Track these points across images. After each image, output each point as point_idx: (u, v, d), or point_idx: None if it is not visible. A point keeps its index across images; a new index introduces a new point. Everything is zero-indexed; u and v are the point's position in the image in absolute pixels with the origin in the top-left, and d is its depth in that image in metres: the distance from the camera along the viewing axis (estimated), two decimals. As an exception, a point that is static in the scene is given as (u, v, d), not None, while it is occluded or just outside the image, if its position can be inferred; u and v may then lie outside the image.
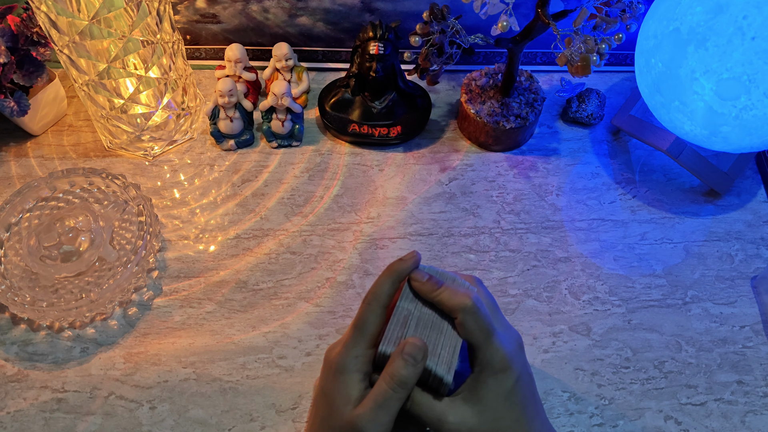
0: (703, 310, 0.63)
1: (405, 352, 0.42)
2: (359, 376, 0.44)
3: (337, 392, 0.43)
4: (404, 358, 0.42)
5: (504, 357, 0.43)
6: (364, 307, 0.45)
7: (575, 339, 0.61)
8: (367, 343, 0.44)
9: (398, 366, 0.42)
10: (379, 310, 0.45)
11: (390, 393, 0.42)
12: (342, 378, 0.44)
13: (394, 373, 0.42)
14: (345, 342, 0.45)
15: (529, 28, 0.63)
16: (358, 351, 0.44)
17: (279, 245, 0.66)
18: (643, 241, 0.68)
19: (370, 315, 0.45)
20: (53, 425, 0.54)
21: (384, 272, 0.46)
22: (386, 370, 0.42)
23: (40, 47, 0.67)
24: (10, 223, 0.63)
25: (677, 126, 0.63)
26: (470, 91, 0.74)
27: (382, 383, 0.42)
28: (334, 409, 0.43)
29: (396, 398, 0.42)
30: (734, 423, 0.57)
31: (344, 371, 0.44)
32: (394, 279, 0.45)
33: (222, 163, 0.72)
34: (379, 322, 0.45)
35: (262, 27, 0.78)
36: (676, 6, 0.59)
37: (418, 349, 0.42)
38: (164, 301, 0.62)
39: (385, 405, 0.42)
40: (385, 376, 0.42)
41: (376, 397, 0.42)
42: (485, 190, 0.71)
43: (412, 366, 0.42)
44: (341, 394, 0.43)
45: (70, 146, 0.73)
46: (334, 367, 0.44)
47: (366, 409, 0.42)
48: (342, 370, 0.44)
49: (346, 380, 0.43)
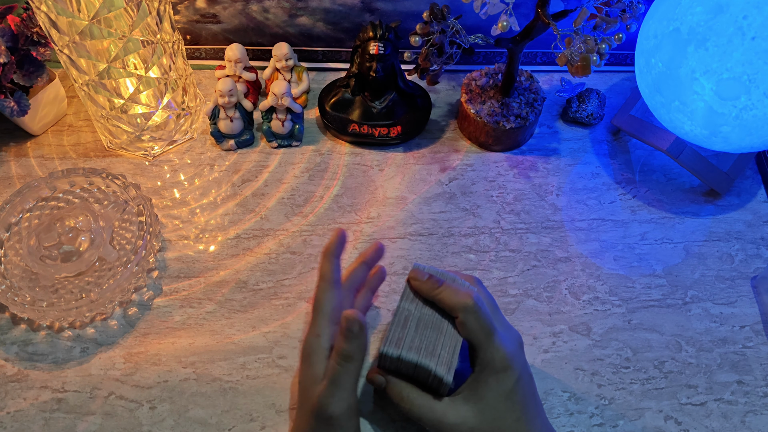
0: (703, 310, 0.63)
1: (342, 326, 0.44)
2: (324, 354, 0.45)
3: (308, 376, 0.45)
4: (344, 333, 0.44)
5: (505, 356, 0.43)
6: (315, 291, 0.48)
7: (575, 339, 0.61)
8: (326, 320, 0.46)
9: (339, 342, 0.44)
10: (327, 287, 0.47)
11: (338, 369, 0.43)
12: (309, 360, 0.45)
13: (338, 349, 0.44)
14: (308, 328, 0.47)
15: (529, 28, 0.63)
16: (319, 330, 0.46)
17: (279, 245, 0.66)
18: (643, 241, 0.68)
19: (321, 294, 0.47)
20: (53, 425, 0.54)
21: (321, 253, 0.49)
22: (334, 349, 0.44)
23: (40, 47, 0.67)
24: (10, 223, 0.63)
25: (677, 126, 0.63)
26: (470, 91, 0.74)
27: (331, 361, 0.44)
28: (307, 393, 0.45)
29: (346, 372, 0.43)
30: (734, 423, 0.57)
31: (310, 353, 0.45)
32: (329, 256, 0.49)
33: (222, 163, 0.72)
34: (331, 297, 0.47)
35: (262, 27, 0.78)
36: (676, 6, 0.59)
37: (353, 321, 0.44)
38: (164, 301, 0.62)
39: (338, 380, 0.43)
40: (333, 354, 0.44)
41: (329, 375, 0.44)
42: (485, 190, 0.71)
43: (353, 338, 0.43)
44: (310, 376, 0.45)
45: (70, 146, 0.73)
46: (303, 353, 0.46)
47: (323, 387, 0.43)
48: (308, 352, 0.46)
49: (312, 362, 0.45)
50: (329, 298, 0.47)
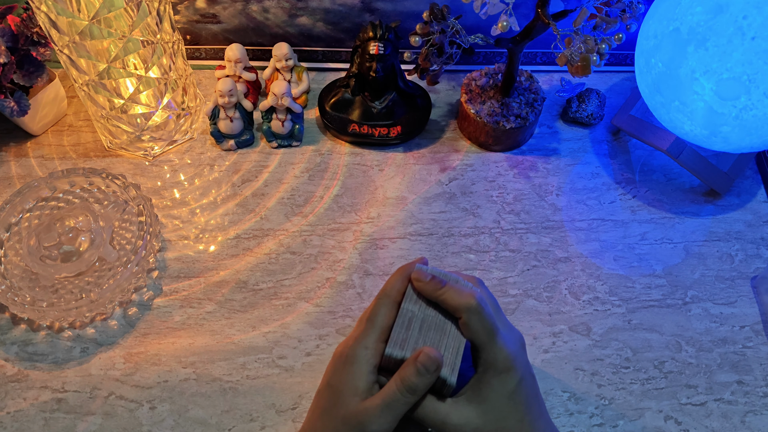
0: (703, 310, 0.63)
1: (419, 361, 0.43)
2: (368, 368, 0.44)
3: (345, 383, 0.44)
4: (418, 367, 0.42)
5: (508, 356, 0.43)
6: (376, 302, 0.46)
7: (575, 339, 0.61)
8: (377, 335, 0.45)
9: (410, 373, 0.42)
10: (390, 305, 0.46)
11: (399, 396, 0.42)
12: (351, 369, 0.44)
13: (406, 379, 0.42)
14: (356, 335, 0.45)
15: (529, 28, 0.63)
16: (369, 343, 0.45)
17: (279, 245, 0.66)
18: (643, 241, 0.68)
19: (381, 308, 0.46)
20: (53, 425, 0.54)
21: (396, 271, 0.47)
22: (399, 374, 0.43)
23: (40, 47, 0.67)
24: (10, 223, 0.63)
25: (677, 126, 0.63)
26: (470, 91, 0.74)
27: (392, 386, 0.43)
28: (341, 399, 0.44)
29: (403, 402, 0.43)
30: (734, 423, 0.57)
31: (354, 362, 0.44)
32: (404, 276, 0.47)
33: (222, 163, 0.72)
34: (391, 316, 0.46)
35: (262, 27, 0.78)
36: (676, 6, 0.59)
37: (432, 361, 0.43)
38: (164, 301, 0.62)
39: (393, 407, 0.42)
40: (396, 379, 0.43)
41: (385, 398, 0.42)
42: (485, 190, 0.71)
43: (424, 376, 0.42)
44: (349, 384, 0.44)
45: (70, 146, 0.73)
46: (344, 359, 0.45)
47: (373, 406, 0.42)
48: (352, 360, 0.44)
49: (355, 371, 0.44)
50: (387, 315, 0.46)
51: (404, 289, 0.46)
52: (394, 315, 0.46)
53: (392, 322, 0.45)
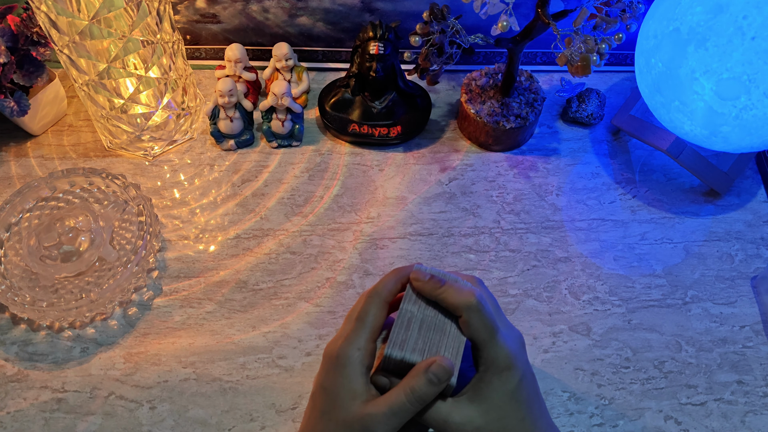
0: (703, 310, 0.63)
1: (431, 371, 0.42)
2: (362, 369, 0.44)
3: (341, 386, 0.43)
4: (429, 376, 0.42)
5: (508, 355, 0.43)
6: (365, 300, 0.45)
7: (575, 339, 0.61)
8: (369, 335, 0.44)
9: (421, 382, 0.42)
10: (380, 304, 0.45)
11: (406, 404, 0.42)
12: (345, 371, 0.43)
13: (415, 388, 0.42)
14: (346, 335, 0.44)
15: (529, 28, 0.63)
16: (361, 343, 0.44)
17: (279, 245, 0.66)
18: (643, 241, 0.68)
19: (372, 308, 0.45)
20: (53, 425, 0.54)
21: (390, 272, 0.46)
22: (408, 382, 0.42)
23: (40, 47, 0.67)
24: (10, 223, 0.63)
25: (677, 126, 0.63)
26: (470, 91, 0.74)
27: (401, 393, 0.42)
28: (338, 402, 0.43)
29: (411, 410, 0.42)
30: (734, 423, 0.57)
31: (347, 364, 0.43)
32: (398, 277, 0.46)
33: (222, 163, 0.72)
34: (381, 316, 0.45)
35: (262, 27, 0.78)
36: (676, 6, 0.59)
37: (446, 371, 0.42)
38: (164, 301, 0.62)
39: (399, 413, 0.42)
40: (405, 387, 0.42)
41: (392, 405, 0.42)
42: (485, 190, 0.71)
43: (435, 386, 0.42)
44: (345, 388, 0.43)
45: (70, 146, 0.73)
46: (336, 361, 0.44)
47: (379, 412, 0.42)
48: (345, 363, 0.44)
49: (349, 373, 0.43)
50: (378, 315, 0.45)
51: (396, 291, 0.46)
52: (385, 315, 0.45)
53: (382, 322, 0.45)
